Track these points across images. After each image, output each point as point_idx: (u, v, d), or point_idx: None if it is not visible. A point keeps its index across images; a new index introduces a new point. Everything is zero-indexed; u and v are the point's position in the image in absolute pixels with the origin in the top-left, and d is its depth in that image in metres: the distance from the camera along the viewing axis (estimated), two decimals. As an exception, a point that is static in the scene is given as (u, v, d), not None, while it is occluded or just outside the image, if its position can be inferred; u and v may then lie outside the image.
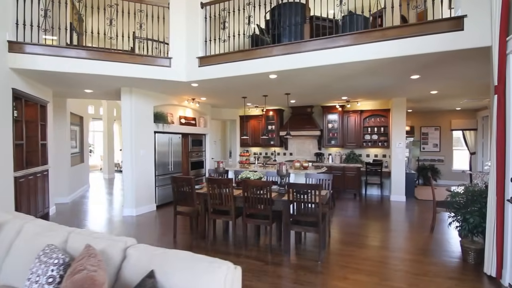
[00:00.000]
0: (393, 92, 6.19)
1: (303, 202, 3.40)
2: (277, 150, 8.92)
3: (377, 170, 7.20)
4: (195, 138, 7.62)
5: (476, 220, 3.09)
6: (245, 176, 4.13)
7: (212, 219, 4.10)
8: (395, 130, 6.98)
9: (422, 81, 4.99)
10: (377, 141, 7.56)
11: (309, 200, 3.35)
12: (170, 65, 4.87)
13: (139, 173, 5.69)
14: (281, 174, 3.98)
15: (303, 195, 3.38)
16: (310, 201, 3.36)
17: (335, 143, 7.86)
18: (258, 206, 3.69)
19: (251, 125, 8.97)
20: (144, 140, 5.83)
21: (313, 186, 3.33)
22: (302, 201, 3.39)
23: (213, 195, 3.97)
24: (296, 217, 3.48)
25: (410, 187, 7.16)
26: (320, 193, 3.29)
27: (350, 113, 7.70)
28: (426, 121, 9.74)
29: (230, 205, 3.85)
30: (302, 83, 5.13)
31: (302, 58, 4.04)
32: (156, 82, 5.06)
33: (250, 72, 4.41)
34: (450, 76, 4.64)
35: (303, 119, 8.12)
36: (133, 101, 5.59)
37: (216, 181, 3.91)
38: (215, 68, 4.68)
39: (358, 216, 5.57)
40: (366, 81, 5.02)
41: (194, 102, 7.09)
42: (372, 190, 7.73)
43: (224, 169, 4.57)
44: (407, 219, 5.34)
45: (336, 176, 7.45)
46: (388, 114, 7.34)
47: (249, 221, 3.81)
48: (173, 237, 4.28)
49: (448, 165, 9.53)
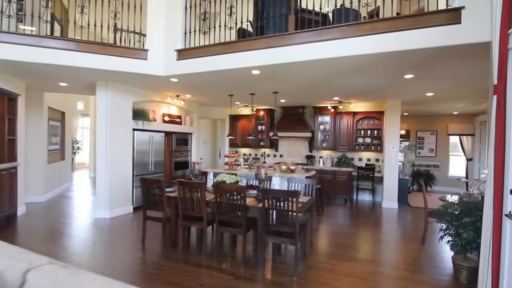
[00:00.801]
0: (387, 94, 5.87)
1: (279, 210, 3.06)
2: (267, 151, 8.59)
3: (369, 175, 6.87)
4: (180, 137, 7.27)
5: (470, 235, 2.76)
6: (220, 179, 3.79)
7: (183, 225, 3.75)
8: (388, 134, 6.66)
9: (417, 82, 4.68)
10: (370, 144, 7.24)
11: (286, 208, 3.02)
12: (147, 58, 4.53)
13: (114, 173, 5.33)
14: (259, 178, 3.64)
15: (279, 203, 3.04)
16: (287, 209, 3.02)
17: (327, 146, 7.53)
18: (232, 213, 3.35)
19: (241, 125, 8.63)
20: (121, 138, 5.48)
21: (290, 193, 2.99)
22: (278, 209, 3.06)
23: (184, 200, 3.63)
24: (272, 226, 3.14)
25: (403, 193, 6.84)
26: (298, 200, 2.95)
27: (343, 114, 7.38)
28: (422, 125, 9.44)
29: (202, 211, 3.51)
30: (289, 81, 4.80)
31: (286, 52, 3.71)
32: (133, 76, 4.73)
33: (230, 67, 4.08)
34: (446, 77, 4.32)
35: (294, 120, 7.80)
36: (109, 96, 5.24)
37: (188, 184, 3.57)
38: (194, 62, 4.34)
39: (346, 223, 5.24)
40: (357, 80, 4.69)
41: (178, 99, 6.75)
42: (364, 196, 7.41)
43: (200, 170, 4.23)
44: (397, 228, 5.01)
45: (327, 180, 7.14)
46: (382, 116, 7.02)
47: (222, 229, 3.47)
48: (141, 244, 3.93)
49: (444, 171, 9.23)
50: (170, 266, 3.27)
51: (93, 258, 3.51)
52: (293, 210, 2.98)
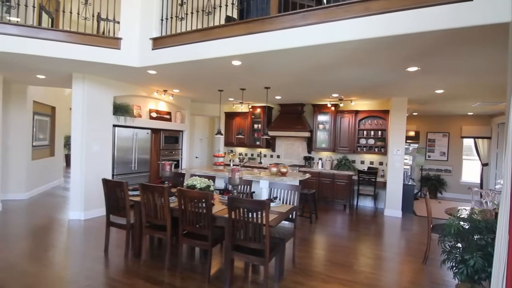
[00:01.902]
0: (391, 90, 5.28)
1: (246, 222, 2.59)
2: (263, 151, 8.10)
3: (370, 179, 6.29)
4: (170, 135, 6.88)
5: (478, 262, 2.21)
6: (190, 183, 3.35)
7: (147, 234, 3.33)
8: (393, 135, 6.06)
9: (423, 76, 4.09)
10: (374, 146, 6.65)
11: (255, 220, 2.54)
12: (120, 48, 4.14)
13: (91, 172, 4.97)
14: (233, 183, 3.18)
15: (247, 214, 2.57)
16: (255, 222, 2.54)
17: (326, 147, 6.98)
18: (197, 223, 2.90)
19: (237, 123, 8.18)
20: (100, 134, 5.11)
21: (258, 203, 2.51)
22: (246, 221, 2.58)
23: (147, 206, 3.21)
24: (239, 241, 2.67)
25: (409, 201, 6.23)
26: (268, 213, 2.47)
27: (344, 113, 6.81)
28: (434, 126, 8.74)
29: (166, 219, 3.08)
30: (277, 74, 4.30)
31: (268, 38, 3.22)
32: (107, 68, 4.34)
33: (207, 56, 3.63)
34: (456, 70, 3.73)
35: (292, 119, 7.28)
36: (86, 90, 4.88)
37: (150, 188, 3.14)
38: (170, 52, 3.91)
39: (340, 234, 4.71)
40: (354, 74, 4.15)
41: (166, 94, 6.35)
42: (366, 202, 6.82)
43: (172, 172, 3.79)
44: (398, 242, 4.45)
45: (325, 184, 6.62)
46: (387, 116, 6.42)
47: (186, 241, 3.03)
48: (103, 253, 3.54)
49: (456, 177, 8.50)
50: (124, 282, 2.86)
51: (40, 268, 3.12)
52: (263, 224, 2.50)
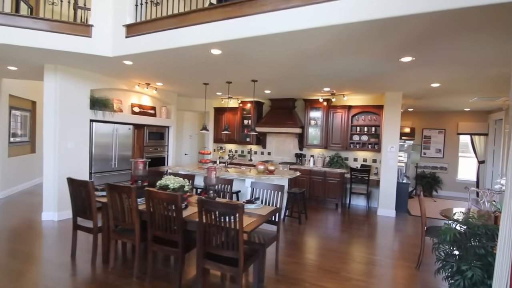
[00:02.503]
0: (385, 84, 5.00)
1: (218, 227, 2.30)
2: (253, 148, 7.82)
3: (363, 177, 6.04)
4: (154, 131, 6.57)
5: (477, 274, 1.95)
6: (163, 183, 3.05)
7: (115, 239, 3.04)
8: (387, 131, 5.80)
9: (418, 68, 3.81)
10: (367, 143, 6.39)
11: (227, 225, 2.26)
12: (91, 35, 3.81)
13: (65, 170, 4.65)
14: (208, 182, 2.89)
15: (219, 218, 2.28)
16: (228, 228, 2.26)
17: (318, 144, 6.71)
18: (167, 227, 2.61)
19: (226, 118, 7.87)
20: (75, 129, 4.79)
21: (231, 206, 2.23)
22: (218, 226, 2.30)
23: (115, 208, 2.92)
24: (211, 248, 2.39)
25: (403, 200, 5.99)
26: (241, 217, 2.19)
27: (337, 109, 6.53)
28: (429, 123, 8.50)
29: (134, 223, 2.79)
30: (261, 64, 4.00)
31: (247, 23, 2.93)
32: (79, 58, 4.02)
33: (184, 44, 3.32)
34: (453, 60, 3.45)
35: (283, 114, 6.99)
36: (59, 82, 4.54)
37: (116, 189, 2.85)
38: (144, 40, 3.60)
39: (330, 235, 4.45)
40: (344, 65, 3.86)
41: (149, 87, 6.03)
42: (358, 200, 6.58)
43: (146, 170, 3.49)
44: (390, 244, 4.20)
45: (316, 182, 6.36)
46: (381, 111, 6.15)
47: (155, 247, 2.74)
48: (70, 258, 3.25)
49: (452, 174, 8.29)
50: (85, 293, 2.57)
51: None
52: (236, 229, 2.22)
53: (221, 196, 3.56)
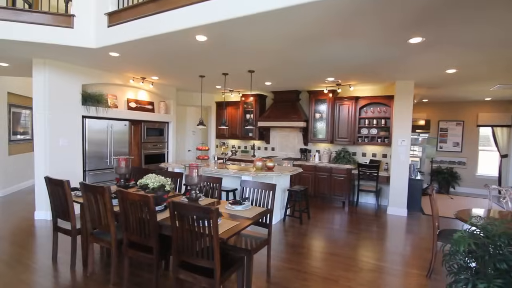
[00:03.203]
0: (394, 71, 4.57)
1: (192, 234, 2.03)
2: (257, 143, 7.51)
3: (372, 174, 5.63)
4: (153, 127, 6.38)
5: (497, 294, 1.59)
6: (143, 182, 2.81)
7: (92, 242, 2.83)
8: (398, 124, 5.35)
9: (430, 50, 3.38)
10: (376, 136, 5.96)
11: (203, 232, 1.98)
12: (73, 26, 3.60)
13: (57, 167, 4.52)
14: (190, 182, 2.62)
15: (194, 223, 2.01)
16: (204, 234, 1.98)
17: (323, 138, 6.33)
18: (142, 232, 2.36)
19: (228, 113, 7.60)
20: (66, 126, 4.64)
21: (203, 210, 1.94)
22: (192, 232, 2.03)
23: (91, 209, 2.70)
24: (186, 256, 2.12)
25: (415, 198, 5.55)
26: (216, 223, 1.91)
27: (344, 100, 6.12)
28: (446, 114, 7.91)
29: (109, 225, 2.56)
30: (253, 51, 3.67)
31: (228, 4, 2.61)
32: (63, 50, 3.84)
33: (166, 30, 3.04)
34: (471, 41, 3.01)
35: (287, 107, 6.64)
36: (48, 77, 4.39)
37: (90, 189, 2.63)
38: (126, 28, 3.35)
39: (334, 237, 4.11)
40: (345, 49, 3.48)
41: (145, 82, 5.81)
42: (367, 198, 6.17)
43: (129, 168, 3.27)
44: (400, 248, 3.81)
45: (322, 178, 6.01)
46: (391, 102, 5.69)
47: (131, 253, 2.50)
48: (51, 262, 3.08)
49: (471, 169, 7.70)
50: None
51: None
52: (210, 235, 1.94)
53: (210, 196, 3.30)
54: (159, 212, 2.46)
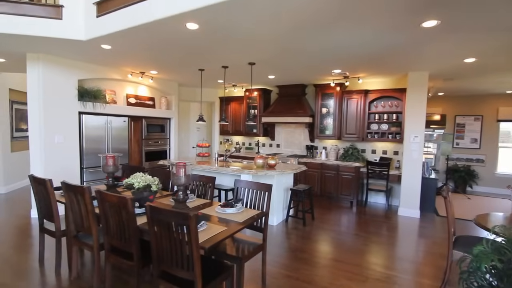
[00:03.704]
0: (406, 61, 4.21)
1: (171, 241, 1.81)
2: (261, 140, 7.26)
3: (382, 172, 5.29)
4: (154, 123, 6.22)
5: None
6: (129, 181, 2.62)
7: (76, 245, 2.67)
8: (410, 119, 4.98)
9: (446, 36, 3.03)
10: (387, 132, 5.60)
11: (182, 239, 1.76)
12: (62, 17, 3.43)
13: (53, 164, 4.41)
14: (176, 182, 2.40)
15: (170, 230, 1.79)
16: (182, 242, 1.76)
17: (330, 134, 6.01)
18: (121, 236, 2.17)
19: (232, 108, 7.36)
20: (62, 122, 4.51)
21: (181, 216, 1.72)
22: (171, 239, 1.81)
23: (73, 210, 2.53)
24: (165, 266, 1.91)
25: (429, 198, 5.18)
26: (195, 229, 1.68)
27: (352, 94, 5.77)
28: (463, 108, 7.43)
29: (91, 228, 2.38)
30: (249, 40, 3.40)
31: (220, -14, 2.36)
32: (53, 44, 3.68)
33: (153, 18, 2.82)
34: (493, 25, 2.65)
35: (292, 102, 6.35)
36: (42, 72, 4.25)
37: (71, 189, 2.45)
38: (115, 17, 3.15)
39: (338, 240, 3.83)
40: (349, 35, 3.16)
41: (144, 76, 5.64)
42: (377, 198, 5.84)
43: (117, 167, 3.08)
44: (411, 254, 3.50)
45: (329, 177, 5.71)
46: (403, 96, 5.32)
47: (112, 259, 2.31)
48: (38, 264, 2.94)
49: (491, 167, 7.21)
50: (32, 310, 2.21)
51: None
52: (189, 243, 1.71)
53: (203, 197, 3.08)
54: (141, 215, 2.26)
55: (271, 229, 4.12)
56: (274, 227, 4.21)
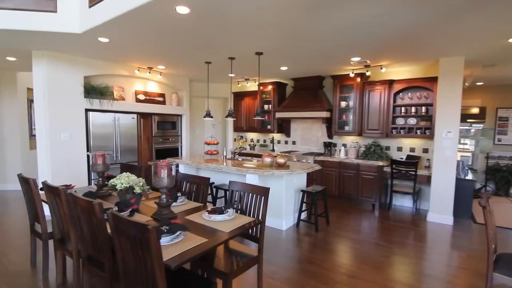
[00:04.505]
0: (437, 45, 3.62)
1: (135, 256, 1.53)
2: (276, 137, 6.88)
3: (408, 172, 4.71)
4: (164, 120, 6.07)
5: None
6: (113, 182, 2.39)
7: (60, 250, 2.50)
8: (442, 112, 4.36)
9: (486, 9, 2.48)
10: (415, 127, 4.98)
11: (142, 255, 1.47)
12: (56, 10, 3.29)
13: (59, 162, 4.38)
14: (158, 184, 2.12)
15: (132, 242, 1.51)
16: (143, 258, 1.47)
17: (350, 130, 5.49)
18: (94, 244, 1.94)
19: (246, 104, 7.05)
20: (68, 120, 4.47)
21: (139, 227, 1.42)
22: (134, 252, 1.53)
23: (55, 213, 2.36)
24: (130, 284, 1.63)
25: (465, 202, 4.53)
26: (155, 244, 1.38)
27: (375, 85, 5.21)
28: (507, 100, 6.53)
29: (69, 233, 2.18)
30: (251, 24, 3.05)
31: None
32: (50, 38, 3.57)
33: (140, 2, 2.56)
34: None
35: (308, 96, 5.90)
36: (46, 69, 4.21)
37: (51, 190, 2.27)
38: (105, 5, 2.94)
39: (355, 250, 3.39)
40: (364, 13, 2.71)
41: (152, 72, 5.48)
42: (403, 201, 5.25)
43: (108, 166, 2.88)
44: (441, 270, 2.98)
45: (348, 177, 5.23)
46: (434, 86, 4.68)
47: (87, 267, 2.09)
48: (30, 266, 2.83)
49: (541, 167, 6.26)
50: (5, 320, 2.06)
51: None
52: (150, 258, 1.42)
53: (200, 200, 2.79)
54: (118, 221, 2.01)
55: (279, 234, 3.76)
56: (283, 232, 3.85)
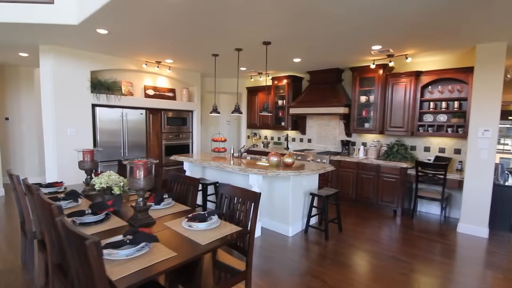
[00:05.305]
0: (473, 28, 3.08)
1: (84, 267, 1.30)
2: (291, 134, 6.51)
3: (436, 176, 4.17)
4: (175, 116, 5.93)
5: None
6: (94, 181, 2.20)
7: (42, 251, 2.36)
8: (478, 107, 3.77)
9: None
10: (446, 125, 4.41)
11: (87, 271, 1.24)
12: (53, 1, 3.19)
13: (66, 158, 4.36)
14: (134, 186, 1.89)
15: (77, 255, 1.27)
16: (86, 275, 1.23)
17: (370, 127, 5.01)
18: (60, 250, 1.75)
19: (259, 99, 6.75)
20: (75, 115, 4.43)
21: (78, 237, 1.18)
22: (83, 265, 1.30)
23: (34, 212, 2.22)
24: (85, 302, 1.41)
25: (503, 211, 3.93)
26: (97, 260, 1.13)
27: (399, 77, 4.68)
28: (560, 94, 5.66)
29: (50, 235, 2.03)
30: (250, 13, 2.73)
31: None
32: (49, 30, 3.49)
33: (128, -13, 2.35)
34: None
35: (325, 90, 5.48)
36: (52, 64, 4.18)
37: (28, 189, 2.12)
38: (96, -7, 2.77)
39: (370, 264, 2.98)
40: (385, -9, 2.29)
41: (161, 66, 5.34)
42: (430, 207, 4.70)
43: (94, 162, 2.71)
44: (471, 291, 2.51)
45: (366, 179, 4.78)
46: (469, 77, 4.09)
47: (56, 275, 1.92)
48: (20, 265, 2.76)
49: None
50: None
51: None
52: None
53: (189, 203, 2.54)
54: (91, 225, 1.82)
55: (284, 241, 3.44)
56: (288, 238, 3.52)
